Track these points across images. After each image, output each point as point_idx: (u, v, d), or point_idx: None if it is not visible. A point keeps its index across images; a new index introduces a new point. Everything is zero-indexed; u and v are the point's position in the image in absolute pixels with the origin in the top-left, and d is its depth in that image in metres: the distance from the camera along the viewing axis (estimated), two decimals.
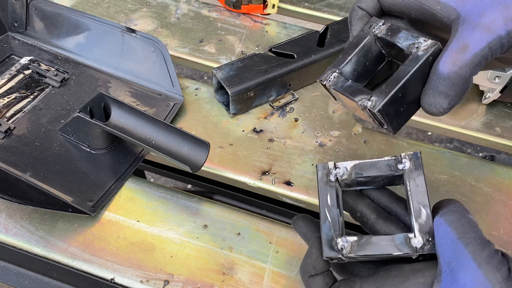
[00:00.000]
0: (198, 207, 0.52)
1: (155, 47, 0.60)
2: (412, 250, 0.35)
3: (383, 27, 0.40)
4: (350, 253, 0.36)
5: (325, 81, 0.41)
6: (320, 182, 0.39)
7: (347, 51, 0.41)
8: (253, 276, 0.47)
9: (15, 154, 0.54)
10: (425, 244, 0.34)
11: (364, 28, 0.40)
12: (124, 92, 0.61)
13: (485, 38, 0.33)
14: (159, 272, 0.47)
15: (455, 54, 0.33)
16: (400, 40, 0.38)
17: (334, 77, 0.41)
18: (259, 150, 0.56)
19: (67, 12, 0.64)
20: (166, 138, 0.52)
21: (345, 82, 0.40)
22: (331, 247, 0.37)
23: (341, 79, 0.41)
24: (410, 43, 0.37)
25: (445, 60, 0.34)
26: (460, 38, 0.34)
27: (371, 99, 0.37)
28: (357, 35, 0.41)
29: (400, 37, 0.38)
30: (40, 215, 0.50)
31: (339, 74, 0.41)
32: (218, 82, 0.60)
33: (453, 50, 0.33)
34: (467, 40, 0.33)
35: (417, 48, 0.37)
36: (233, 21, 0.72)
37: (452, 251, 0.32)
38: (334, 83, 0.41)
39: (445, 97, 0.34)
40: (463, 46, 0.33)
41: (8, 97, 0.60)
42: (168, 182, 1.40)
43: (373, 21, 0.40)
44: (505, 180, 0.55)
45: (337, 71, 0.41)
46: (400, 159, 0.38)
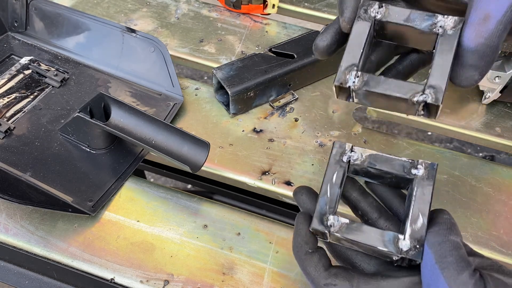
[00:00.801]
0: (198, 207, 0.52)
1: (155, 47, 0.60)
2: (396, 251, 0.34)
3: (383, 9, 0.37)
4: (337, 232, 0.35)
5: (347, 83, 0.36)
6: (332, 158, 0.38)
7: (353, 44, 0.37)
8: (253, 276, 0.47)
9: (15, 154, 0.54)
10: (411, 249, 0.34)
11: (359, 12, 0.37)
12: (124, 92, 0.61)
13: (505, 2, 0.31)
14: (159, 272, 0.47)
15: (478, 25, 0.32)
16: (416, 21, 0.36)
17: (357, 76, 0.36)
18: (259, 150, 0.56)
19: (67, 12, 0.64)
20: (166, 138, 0.52)
21: (373, 78, 0.36)
22: (321, 221, 0.36)
23: (365, 77, 0.36)
24: (430, 23, 0.35)
25: (470, 33, 0.33)
26: (478, 8, 0.32)
27: (426, 92, 0.34)
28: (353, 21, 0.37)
29: (413, 18, 0.36)
30: (40, 215, 0.50)
31: (358, 72, 0.36)
32: (218, 82, 0.60)
33: (474, 22, 0.32)
34: (487, 8, 0.32)
35: (441, 27, 0.35)
36: (233, 21, 0.72)
37: (431, 274, 0.32)
38: (362, 83, 0.36)
39: (475, 69, 0.33)
40: (484, 16, 0.32)
41: (8, 97, 0.60)
42: (168, 182, 1.40)
43: (366, 3, 0.37)
44: (505, 180, 0.55)
45: (355, 68, 0.36)
46: (416, 164, 0.37)
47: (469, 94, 0.63)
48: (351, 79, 0.36)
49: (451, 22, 0.35)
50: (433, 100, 0.34)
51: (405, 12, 0.36)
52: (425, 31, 0.35)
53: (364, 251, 0.37)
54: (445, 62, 0.34)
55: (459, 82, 0.35)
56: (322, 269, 0.36)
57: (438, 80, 0.34)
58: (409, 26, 0.36)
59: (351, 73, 0.36)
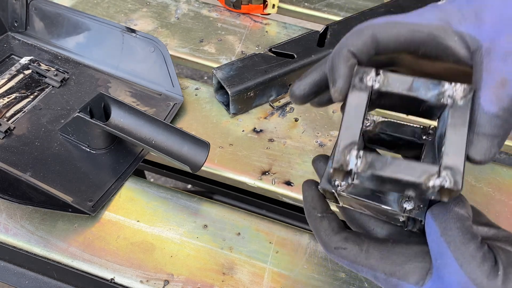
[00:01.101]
0: (198, 207, 0.52)
1: (155, 47, 0.60)
2: (400, 209, 0.33)
3: (380, 77, 0.32)
4: (344, 191, 0.34)
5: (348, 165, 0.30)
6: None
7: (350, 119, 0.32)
8: (253, 276, 0.47)
9: (15, 154, 0.54)
10: (415, 208, 0.32)
11: (354, 81, 0.32)
12: (124, 92, 0.61)
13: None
14: (159, 272, 0.47)
15: (496, 89, 0.30)
16: (420, 90, 0.31)
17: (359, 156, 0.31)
18: (259, 150, 0.56)
19: (67, 12, 0.64)
20: (166, 138, 0.52)
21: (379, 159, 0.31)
22: (329, 181, 0.34)
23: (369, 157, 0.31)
24: (437, 92, 0.31)
25: (489, 96, 0.30)
26: (492, 72, 0.30)
27: (442, 174, 0.29)
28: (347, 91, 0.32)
29: (416, 87, 0.32)
30: (40, 215, 0.50)
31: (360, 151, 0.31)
32: (218, 82, 0.60)
33: (492, 85, 0.30)
34: (503, 72, 0.30)
35: (449, 97, 0.31)
36: (233, 21, 0.72)
37: (437, 248, 0.31)
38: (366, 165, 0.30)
39: (494, 139, 0.30)
40: (501, 80, 0.30)
41: (8, 97, 0.60)
42: (168, 182, 1.39)
43: (361, 71, 0.32)
44: (505, 180, 0.55)
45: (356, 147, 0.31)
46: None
47: None
48: (352, 160, 0.30)
49: (460, 91, 0.31)
50: (452, 184, 0.29)
51: (406, 79, 0.32)
52: (431, 101, 0.31)
53: (372, 213, 0.36)
54: (460, 137, 0.30)
55: (476, 156, 0.31)
56: (332, 233, 0.35)
57: (455, 160, 0.30)
58: (412, 97, 0.32)
59: (352, 153, 0.31)
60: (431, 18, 0.33)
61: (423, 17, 0.33)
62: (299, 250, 0.49)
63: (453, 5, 0.33)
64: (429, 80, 0.32)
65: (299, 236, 0.50)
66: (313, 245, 0.49)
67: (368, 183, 0.32)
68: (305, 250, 0.49)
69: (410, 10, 0.74)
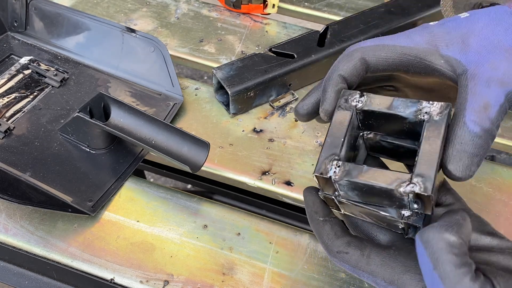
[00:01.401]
0: (198, 207, 0.52)
1: (155, 47, 0.60)
2: (398, 216, 0.34)
3: (364, 98, 0.35)
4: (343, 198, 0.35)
5: (327, 173, 0.34)
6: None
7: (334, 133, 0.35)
8: (253, 276, 0.47)
9: (14, 154, 0.54)
10: (413, 215, 0.34)
11: (340, 102, 0.36)
12: (124, 92, 0.61)
13: (502, 92, 0.32)
14: (159, 272, 0.47)
15: (479, 113, 0.32)
16: (399, 108, 0.34)
17: (338, 165, 0.34)
18: (259, 150, 0.56)
19: (67, 12, 0.64)
20: (166, 138, 0.52)
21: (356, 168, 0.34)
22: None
23: (347, 166, 0.34)
24: (414, 109, 0.34)
25: (471, 119, 0.32)
26: (477, 95, 0.33)
27: (413, 181, 0.32)
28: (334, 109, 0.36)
29: (395, 105, 0.34)
30: (40, 215, 0.50)
31: (340, 161, 0.34)
32: (218, 82, 0.60)
33: (475, 109, 0.32)
34: (485, 97, 0.32)
35: (426, 113, 0.33)
36: (233, 21, 0.72)
37: (431, 280, 0.30)
38: (343, 173, 0.34)
39: (474, 157, 0.32)
40: (484, 104, 0.32)
41: (7, 97, 0.60)
42: (168, 182, 1.39)
43: (346, 93, 0.36)
44: (505, 180, 0.55)
45: (336, 157, 0.34)
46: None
47: None
48: (332, 168, 0.34)
49: (437, 108, 0.33)
50: (422, 189, 0.31)
51: (387, 100, 0.35)
52: (409, 118, 0.34)
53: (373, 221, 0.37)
54: (433, 149, 0.32)
55: (456, 173, 0.33)
56: (334, 237, 0.36)
57: (426, 168, 0.32)
58: (392, 114, 0.35)
59: (332, 163, 0.34)
60: (420, 41, 0.35)
61: (412, 40, 0.35)
62: (299, 250, 0.49)
63: (442, 28, 0.35)
64: (408, 100, 0.34)
65: (299, 236, 0.50)
66: (313, 245, 0.49)
67: (351, 193, 0.35)
68: (305, 250, 0.49)
69: (410, 10, 0.75)
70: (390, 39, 0.36)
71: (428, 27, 0.36)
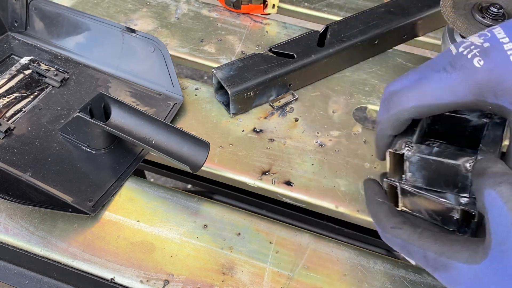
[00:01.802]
0: (198, 207, 0.52)
1: (155, 47, 0.60)
2: (456, 203, 0.38)
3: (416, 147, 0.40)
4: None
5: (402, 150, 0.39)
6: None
7: None
8: (253, 276, 0.47)
9: (15, 154, 0.54)
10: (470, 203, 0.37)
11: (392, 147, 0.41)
12: (124, 92, 0.61)
13: None
14: (159, 272, 0.47)
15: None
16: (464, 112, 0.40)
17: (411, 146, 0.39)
18: (259, 150, 0.56)
19: (67, 12, 0.64)
20: (166, 138, 0.52)
21: (429, 148, 0.38)
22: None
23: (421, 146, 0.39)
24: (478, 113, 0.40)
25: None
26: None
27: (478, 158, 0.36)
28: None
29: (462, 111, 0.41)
30: (40, 215, 0.50)
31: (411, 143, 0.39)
32: (218, 82, 0.60)
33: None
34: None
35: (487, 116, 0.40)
36: (233, 21, 0.72)
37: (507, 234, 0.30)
38: (416, 150, 0.38)
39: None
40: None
41: (8, 97, 0.60)
42: (168, 182, 1.39)
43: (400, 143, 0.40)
44: None
45: (409, 141, 0.39)
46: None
47: None
48: (405, 147, 0.39)
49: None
50: None
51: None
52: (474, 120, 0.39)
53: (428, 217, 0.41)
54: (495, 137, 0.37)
55: None
56: (390, 215, 0.39)
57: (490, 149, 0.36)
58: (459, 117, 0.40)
59: (405, 144, 0.39)
60: (465, 95, 0.35)
61: (455, 94, 0.35)
62: (299, 250, 0.49)
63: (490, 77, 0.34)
64: None
65: (299, 236, 0.50)
66: (313, 245, 0.49)
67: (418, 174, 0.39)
68: (305, 250, 0.49)
69: (410, 10, 0.74)
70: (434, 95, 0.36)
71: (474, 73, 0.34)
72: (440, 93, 0.36)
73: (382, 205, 0.40)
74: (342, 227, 0.83)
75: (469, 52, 0.35)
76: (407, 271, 0.48)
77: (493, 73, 0.34)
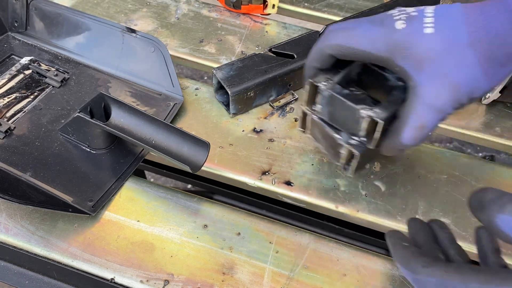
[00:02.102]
0: (198, 207, 0.52)
1: (155, 47, 0.60)
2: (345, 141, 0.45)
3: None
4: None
5: (318, 83, 0.44)
6: None
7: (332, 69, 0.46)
8: (253, 276, 0.47)
9: (15, 154, 0.54)
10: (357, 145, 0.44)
11: None
12: (124, 92, 0.61)
13: (438, 116, 0.40)
14: (159, 272, 0.47)
15: (415, 130, 0.40)
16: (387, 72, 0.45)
17: (329, 82, 0.44)
18: (259, 150, 0.57)
19: (67, 12, 0.64)
20: (166, 138, 0.52)
21: (341, 89, 0.44)
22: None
23: (336, 85, 0.44)
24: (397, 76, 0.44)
25: (407, 135, 0.41)
26: (417, 116, 0.40)
27: (375, 110, 0.41)
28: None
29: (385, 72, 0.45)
30: (40, 215, 0.50)
31: (331, 80, 0.44)
32: (218, 82, 0.60)
33: (413, 126, 0.40)
34: (423, 120, 0.40)
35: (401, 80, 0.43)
36: (233, 21, 0.72)
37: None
38: (330, 86, 0.44)
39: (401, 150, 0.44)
40: (420, 125, 0.40)
41: (8, 97, 0.60)
42: (168, 182, 1.40)
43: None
44: (505, 180, 0.55)
45: (330, 79, 0.44)
46: None
47: None
48: (322, 81, 0.44)
49: None
50: (376, 116, 0.41)
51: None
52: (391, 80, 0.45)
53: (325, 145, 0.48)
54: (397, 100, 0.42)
55: (386, 151, 0.44)
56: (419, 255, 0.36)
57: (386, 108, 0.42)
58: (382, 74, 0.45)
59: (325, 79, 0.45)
60: (381, 48, 0.40)
61: (374, 45, 0.41)
62: (299, 250, 0.49)
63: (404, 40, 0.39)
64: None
65: (299, 236, 0.50)
66: (313, 245, 0.49)
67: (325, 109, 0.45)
68: (305, 250, 0.49)
69: None
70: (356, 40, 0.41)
71: (393, 33, 0.40)
72: (362, 40, 0.41)
73: (408, 248, 0.38)
74: (342, 227, 0.83)
75: (399, 15, 0.40)
76: None
77: (406, 37, 0.39)
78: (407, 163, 0.56)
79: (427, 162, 0.56)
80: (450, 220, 0.51)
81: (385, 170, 0.55)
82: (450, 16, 0.39)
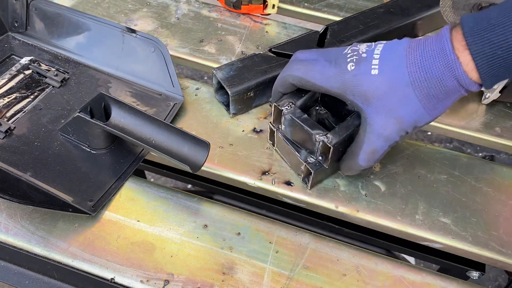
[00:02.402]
0: (198, 207, 0.52)
1: (155, 47, 0.60)
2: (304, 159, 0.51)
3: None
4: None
5: (282, 107, 0.51)
6: None
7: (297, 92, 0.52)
8: (253, 276, 0.47)
9: (15, 154, 0.54)
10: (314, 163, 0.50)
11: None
12: (124, 92, 0.61)
13: (387, 143, 0.46)
14: (159, 272, 0.47)
15: (368, 154, 0.47)
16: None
17: (291, 106, 0.50)
18: (259, 150, 0.57)
19: (67, 12, 0.64)
20: (166, 138, 0.52)
21: (302, 114, 0.50)
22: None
23: (297, 110, 0.50)
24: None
25: (362, 157, 0.47)
26: (369, 142, 0.46)
27: (327, 136, 0.47)
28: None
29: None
30: (41, 215, 0.50)
31: (293, 105, 0.51)
32: (218, 82, 0.60)
33: (366, 151, 0.47)
34: (374, 146, 0.46)
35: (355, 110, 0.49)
36: (233, 21, 0.72)
37: None
38: (291, 111, 0.50)
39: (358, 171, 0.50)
40: (372, 150, 0.46)
41: (8, 97, 0.60)
42: (168, 182, 1.40)
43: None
44: (505, 180, 0.55)
45: (292, 102, 0.51)
46: None
47: (469, 95, 0.63)
48: (286, 106, 0.51)
49: None
50: (328, 141, 0.47)
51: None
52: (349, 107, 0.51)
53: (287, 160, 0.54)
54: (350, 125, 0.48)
55: (343, 171, 0.51)
56: None
57: (338, 133, 0.48)
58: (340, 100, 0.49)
59: (288, 103, 0.51)
60: (334, 85, 0.46)
61: (328, 82, 0.46)
62: (299, 250, 0.49)
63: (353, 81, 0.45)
64: None
65: (299, 236, 0.50)
66: (313, 245, 0.49)
67: (288, 129, 0.51)
68: (305, 250, 0.49)
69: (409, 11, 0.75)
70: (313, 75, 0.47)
71: (344, 73, 0.45)
72: (318, 76, 0.47)
73: None
74: (342, 227, 0.83)
75: (351, 56, 0.45)
76: (407, 271, 0.48)
77: (355, 78, 0.45)
78: (407, 163, 0.56)
79: (427, 162, 0.56)
80: (450, 220, 0.51)
81: (385, 170, 0.55)
82: (394, 56, 0.44)
